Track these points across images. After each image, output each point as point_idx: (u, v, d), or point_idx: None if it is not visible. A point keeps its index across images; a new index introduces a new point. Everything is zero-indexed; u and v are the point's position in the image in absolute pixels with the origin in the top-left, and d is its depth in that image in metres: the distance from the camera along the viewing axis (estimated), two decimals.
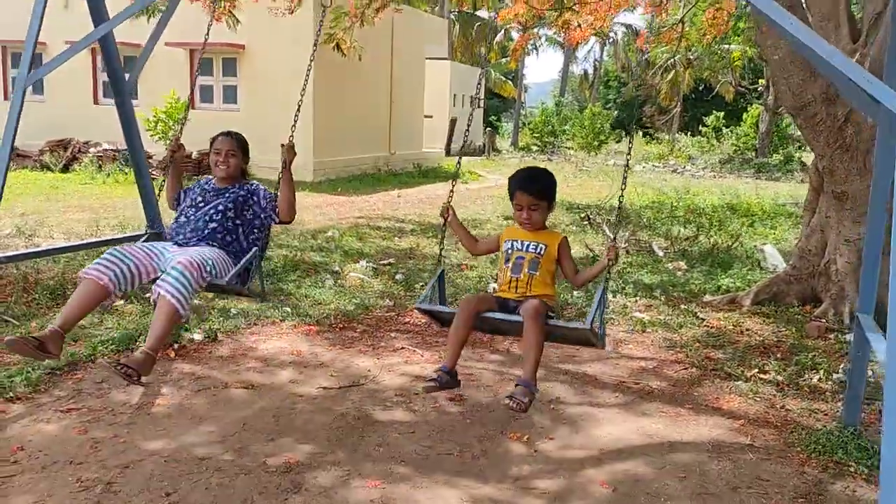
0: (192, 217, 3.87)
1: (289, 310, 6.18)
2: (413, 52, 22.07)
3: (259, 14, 13.70)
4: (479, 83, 4.78)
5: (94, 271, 3.50)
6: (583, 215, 12.67)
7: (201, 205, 3.93)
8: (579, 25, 16.95)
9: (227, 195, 3.95)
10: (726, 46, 35.25)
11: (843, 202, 6.23)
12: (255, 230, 3.98)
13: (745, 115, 39.02)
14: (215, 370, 4.84)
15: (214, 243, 3.82)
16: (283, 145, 3.78)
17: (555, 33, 40.26)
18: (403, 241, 10.00)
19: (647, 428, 4.16)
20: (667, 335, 5.97)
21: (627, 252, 9.45)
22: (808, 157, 35.13)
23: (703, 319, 6.43)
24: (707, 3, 16.99)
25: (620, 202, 3.61)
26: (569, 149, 36.43)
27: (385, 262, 8.36)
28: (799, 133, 46.79)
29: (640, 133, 44.58)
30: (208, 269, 3.55)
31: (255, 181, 4.13)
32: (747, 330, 6.14)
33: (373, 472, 3.51)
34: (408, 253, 9.07)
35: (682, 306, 6.82)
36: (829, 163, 6.14)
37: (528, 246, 3.53)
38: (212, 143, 4.08)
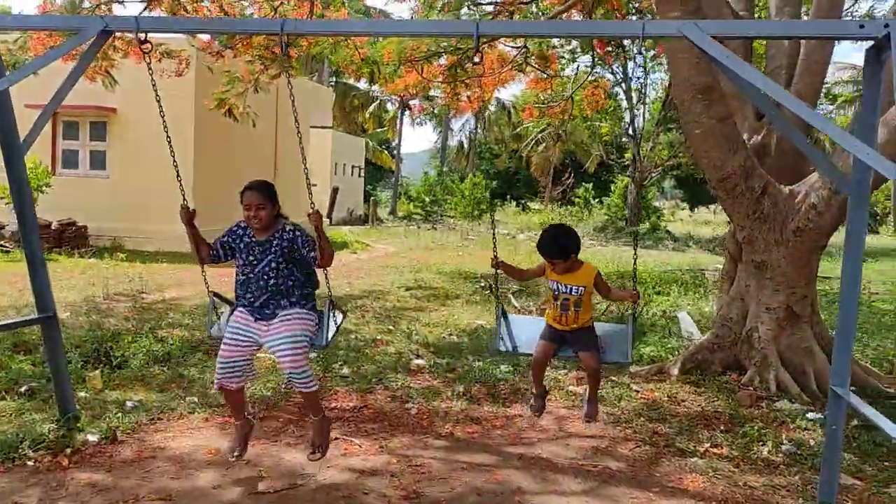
0: (253, 277, 4.10)
1: (196, 399, 5.53)
2: (298, 120, 21.71)
3: (134, 75, 12.96)
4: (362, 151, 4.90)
5: (225, 382, 4.06)
6: (483, 284, 12.63)
7: (255, 263, 4.11)
8: (468, 97, 17.39)
9: (272, 249, 4.09)
10: (597, 123, 37.44)
11: (762, 271, 6.43)
12: (306, 265, 4.20)
13: (613, 187, 41.37)
14: (122, 478, 4.15)
15: (282, 298, 4.09)
16: (309, 215, 3.93)
17: (445, 105, 41.31)
18: None
19: None
20: (607, 409, 5.81)
21: None
22: (673, 227, 37.51)
23: (638, 391, 6.36)
24: (586, 81, 17.90)
25: (635, 271, 4.34)
26: (451, 217, 36.92)
27: None
28: (659, 203, 49.91)
29: (514, 203, 46.07)
30: (306, 344, 4.01)
31: (290, 225, 4.16)
32: (683, 401, 6.10)
33: None
34: None
35: (613, 377, 6.73)
36: (749, 233, 6.36)
37: (571, 289, 4.20)
38: (241, 198, 4.10)
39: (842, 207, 6.10)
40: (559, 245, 4.12)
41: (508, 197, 48.19)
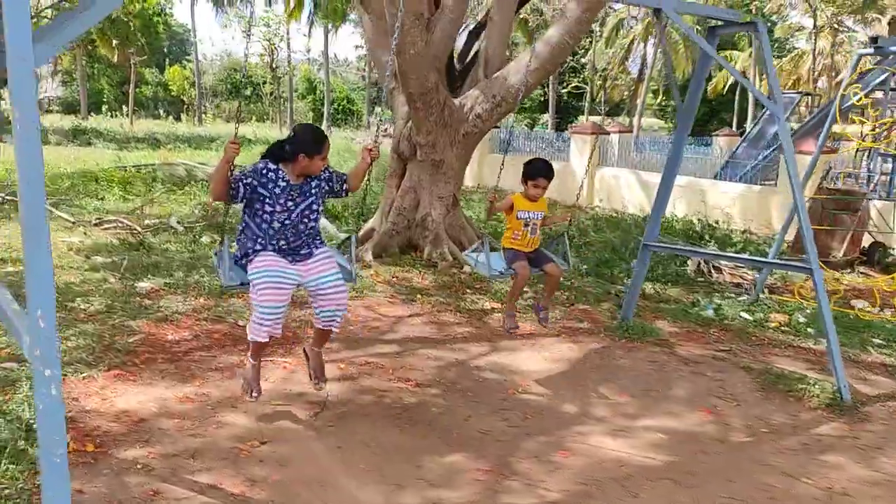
0: (289, 223, 4.08)
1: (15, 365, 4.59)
2: None
3: None
4: None
5: (274, 330, 3.97)
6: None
7: (292, 207, 4.07)
8: None
9: (313, 192, 4.15)
10: None
11: (438, 168, 8.40)
12: None
13: None
14: (175, 443, 3.77)
15: (313, 238, 4.21)
16: (369, 150, 4.22)
17: None
18: None
19: (539, 355, 5.61)
20: (376, 294, 7.02)
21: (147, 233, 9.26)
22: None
23: (366, 276, 7.64)
24: None
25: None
26: None
27: None
28: None
29: None
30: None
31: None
32: (406, 277, 7.72)
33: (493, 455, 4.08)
34: None
35: None
36: (434, 137, 8.19)
37: (538, 215, 5.13)
38: (314, 147, 4.02)
39: (498, 118, 8.54)
40: (551, 170, 5.09)
41: None
